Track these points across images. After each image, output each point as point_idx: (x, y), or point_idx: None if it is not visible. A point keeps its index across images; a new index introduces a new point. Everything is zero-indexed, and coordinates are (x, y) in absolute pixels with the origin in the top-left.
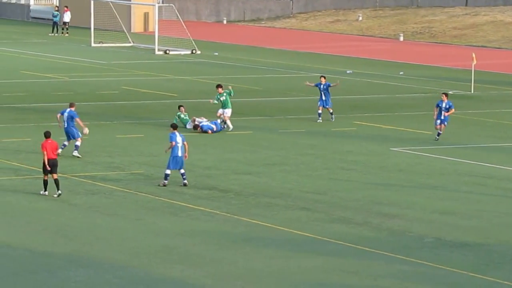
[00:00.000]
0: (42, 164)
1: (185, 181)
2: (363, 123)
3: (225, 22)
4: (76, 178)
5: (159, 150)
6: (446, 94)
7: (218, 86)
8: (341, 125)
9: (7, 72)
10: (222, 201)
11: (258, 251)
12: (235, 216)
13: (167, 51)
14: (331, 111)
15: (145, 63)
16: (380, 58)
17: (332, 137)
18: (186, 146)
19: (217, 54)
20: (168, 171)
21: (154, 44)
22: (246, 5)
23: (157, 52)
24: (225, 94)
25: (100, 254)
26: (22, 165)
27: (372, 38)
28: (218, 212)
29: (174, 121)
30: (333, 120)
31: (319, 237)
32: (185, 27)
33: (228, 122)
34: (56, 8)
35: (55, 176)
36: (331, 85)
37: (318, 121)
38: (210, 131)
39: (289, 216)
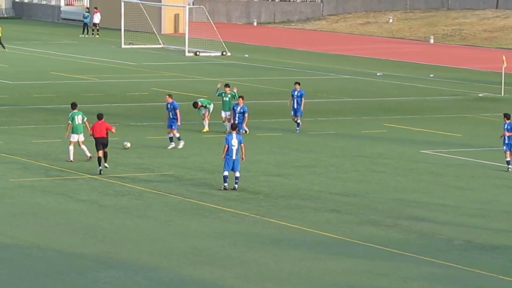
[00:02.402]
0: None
1: (236, 185)
2: (393, 125)
3: (255, 24)
4: (106, 180)
5: (189, 151)
6: (508, 116)
7: (226, 85)
8: (371, 127)
9: (38, 73)
10: (252, 203)
11: (288, 253)
12: (265, 218)
13: (197, 53)
14: (299, 121)
15: (175, 64)
16: (410, 60)
17: (362, 139)
18: (243, 149)
19: (247, 56)
20: (225, 173)
21: (184, 46)
22: (277, 7)
23: (187, 54)
24: (229, 95)
25: (130, 256)
26: (52, 166)
27: (403, 40)
28: (247, 213)
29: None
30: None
31: (349, 239)
32: (215, 28)
33: (206, 121)
34: (87, 10)
35: (102, 152)
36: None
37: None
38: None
39: (319, 218)
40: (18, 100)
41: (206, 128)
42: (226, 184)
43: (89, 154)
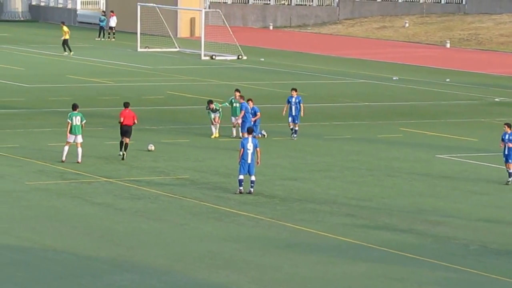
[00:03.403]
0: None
1: (251, 189)
2: (408, 129)
3: (271, 27)
4: (121, 183)
5: (204, 155)
6: (509, 125)
7: (237, 90)
8: (387, 131)
9: (54, 76)
10: (267, 206)
11: (303, 257)
12: (280, 222)
13: (213, 57)
14: (296, 128)
15: (191, 68)
16: (426, 65)
17: (377, 143)
18: (259, 153)
19: (263, 59)
20: (240, 177)
21: (200, 49)
22: (293, 11)
23: (203, 58)
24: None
25: (145, 259)
26: (68, 169)
27: (419, 45)
28: (263, 217)
29: (225, 104)
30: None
31: (364, 244)
32: (231, 32)
33: (216, 127)
34: (103, 13)
35: (126, 140)
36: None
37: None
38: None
39: (334, 222)
40: (34, 103)
41: (215, 134)
42: (241, 188)
43: (79, 159)
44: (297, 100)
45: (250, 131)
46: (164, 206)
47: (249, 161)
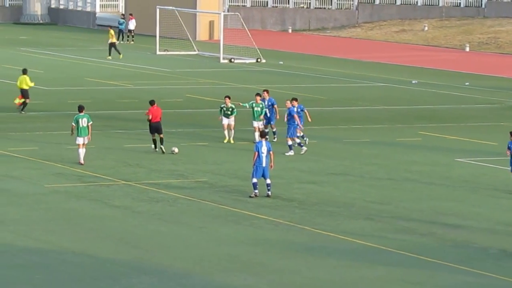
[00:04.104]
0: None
1: (269, 192)
2: (428, 133)
3: (290, 31)
4: (140, 186)
5: (223, 158)
6: None
7: (258, 94)
8: (406, 135)
9: (72, 79)
10: (286, 210)
11: (321, 260)
12: (298, 225)
13: (232, 60)
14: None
15: (210, 71)
16: (445, 69)
17: (396, 147)
18: (272, 156)
19: (282, 63)
20: (254, 180)
21: (219, 53)
22: (312, 14)
23: (222, 61)
24: (260, 105)
25: (163, 262)
26: (87, 172)
27: (438, 48)
28: (281, 221)
29: (220, 112)
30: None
31: (383, 247)
32: (250, 35)
33: (231, 132)
34: (122, 16)
35: (161, 135)
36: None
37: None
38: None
39: (353, 226)
40: (53, 106)
41: (229, 139)
42: (256, 191)
43: (81, 161)
44: (299, 109)
45: (263, 135)
46: (183, 209)
47: (263, 164)
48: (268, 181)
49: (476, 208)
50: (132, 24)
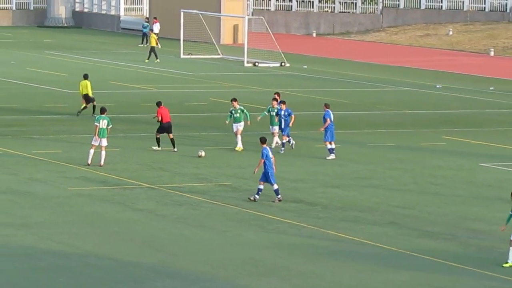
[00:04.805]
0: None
1: (280, 196)
2: (452, 138)
3: (314, 35)
4: (164, 189)
5: (246, 161)
6: None
7: (275, 99)
8: (430, 139)
9: (96, 82)
10: (310, 214)
11: (345, 264)
12: (322, 230)
13: (256, 64)
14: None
15: (234, 75)
16: (469, 73)
17: (421, 151)
18: (273, 160)
19: (306, 67)
20: (262, 186)
21: (243, 56)
22: (336, 18)
23: (246, 64)
24: (275, 109)
25: (187, 265)
26: (110, 175)
27: (462, 53)
28: (305, 225)
29: (228, 118)
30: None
31: (407, 252)
32: (274, 39)
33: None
34: (146, 19)
35: (170, 136)
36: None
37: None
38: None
39: (377, 230)
40: (77, 109)
41: (240, 147)
42: (257, 196)
43: (102, 163)
44: (286, 113)
45: (264, 141)
46: (206, 213)
47: (271, 170)
48: (276, 186)
49: (500, 213)
50: (156, 28)
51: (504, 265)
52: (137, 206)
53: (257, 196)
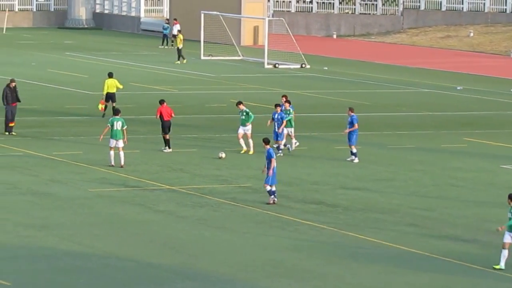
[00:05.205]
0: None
1: (276, 199)
2: (473, 139)
3: (334, 36)
4: (184, 191)
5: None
6: None
7: (287, 101)
8: (451, 141)
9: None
10: (330, 216)
11: (366, 266)
12: (342, 231)
13: (277, 65)
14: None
15: (254, 76)
16: (490, 75)
17: (441, 153)
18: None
19: (326, 68)
20: (270, 188)
21: (264, 58)
22: (356, 20)
23: (266, 66)
24: (289, 111)
25: (207, 267)
26: (130, 177)
27: (483, 54)
28: (325, 226)
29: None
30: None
31: (427, 254)
32: (294, 41)
33: (248, 142)
34: (166, 21)
35: (166, 136)
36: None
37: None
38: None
39: (397, 232)
40: (97, 110)
41: (246, 148)
42: (273, 197)
43: (122, 163)
44: (279, 116)
45: (267, 141)
46: (227, 214)
47: (272, 172)
48: (274, 188)
49: None
50: (176, 29)
51: (495, 266)
52: (158, 207)
53: (275, 199)
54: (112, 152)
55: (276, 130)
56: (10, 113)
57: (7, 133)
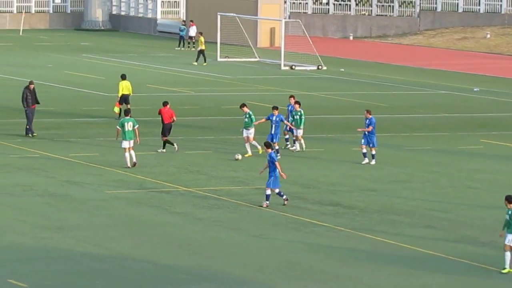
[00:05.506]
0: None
1: (267, 202)
2: (489, 141)
3: (351, 38)
4: (201, 192)
5: (283, 165)
6: None
7: (297, 102)
8: (468, 143)
9: (133, 85)
10: (347, 217)
11: (382, 268)
12: (359, 233)
13: (293, 67)
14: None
15: (271, 78)
16: (507, 76)
17: (458, 155)
18: (266, 166)
19: (343, 70)
20: (272, 191)
21: (280, 59)
22: (373, 21)
23: (283, 68)
24: (299, 113)
25: (223, 269)
26: (147, 179)
27: (500, 56)
28: (342, 228)
29: (247, 121)
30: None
31: (444, 255)
32: (311, 42)
33: (249, 145)
34: (183, 23)
35: (165, 138)
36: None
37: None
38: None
39: (414, 234)
40: (113, 112)
41: (250, 153)
42: (268, 202)
43: (134, 160)
44: (278, 119)
45: (268, 146)
46: (243, 216)
47: (272, 173)
48: (269, 191)
49: None
50: (193, 31)
51: (503, 271)
52: (174, 209)
53: (286, 199)
54: (127, 154)
55: (272, 132)
56: (31, 115)
57: (29, 135)
